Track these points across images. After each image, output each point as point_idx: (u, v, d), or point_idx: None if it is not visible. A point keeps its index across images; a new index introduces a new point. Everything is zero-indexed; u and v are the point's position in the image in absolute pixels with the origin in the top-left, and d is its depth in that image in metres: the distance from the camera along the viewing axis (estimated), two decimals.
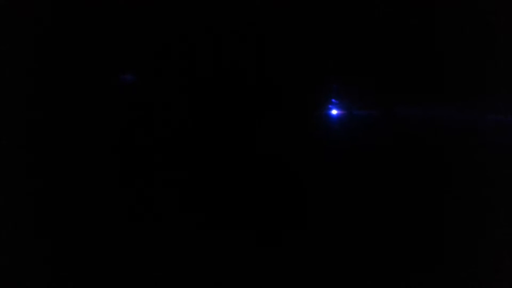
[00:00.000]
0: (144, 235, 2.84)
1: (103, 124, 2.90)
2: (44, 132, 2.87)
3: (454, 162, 2.91)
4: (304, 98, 2.97)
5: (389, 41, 2.91)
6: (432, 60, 2.91)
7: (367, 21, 2.89)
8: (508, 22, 2.81)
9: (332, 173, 2.93)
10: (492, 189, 2.85)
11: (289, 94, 2.95)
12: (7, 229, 2.79)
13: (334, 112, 2.95)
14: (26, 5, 2.80)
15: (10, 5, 2.78)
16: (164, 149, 2.92)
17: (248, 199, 2.90)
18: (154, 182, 2.90)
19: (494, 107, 2.91)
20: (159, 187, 2.90)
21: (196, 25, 2.89)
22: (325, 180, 2.92)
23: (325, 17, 2.89)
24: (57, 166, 2.87)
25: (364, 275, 2.81)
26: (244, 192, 2.90)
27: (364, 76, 2.96)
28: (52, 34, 2.86)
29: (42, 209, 2.83)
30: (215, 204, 2.90)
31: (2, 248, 2.78)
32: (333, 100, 2.95)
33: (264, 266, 2.82)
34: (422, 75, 2.91)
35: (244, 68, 2.92)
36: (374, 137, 2.98)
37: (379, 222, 2.87)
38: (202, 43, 2.91)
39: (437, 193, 2.90)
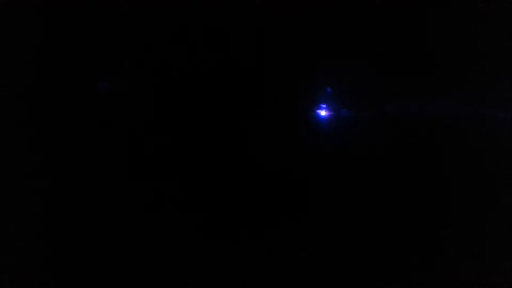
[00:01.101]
0: (139, 238, 2.85)
1: (98, 126, 2.93)
2: (41, 134, 2.90)
3: (446, 161, 2.90)
4: (292, 100, 2.96)
5: (376, 41, 2.89)
6: (422, 59, 2.90)
7: (354, 20, 2.88)
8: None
9: (323, 174, 2.93)
10: (491, 188, 2.86)
11: (278, 96, 2.94)
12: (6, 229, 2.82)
13: (323, 113, 2.94)
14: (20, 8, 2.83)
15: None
16: (153, 151, 2.94)
17: (235, 201, 2.90)
18: (144, 184, 2.91)
19: (482, 103, 2.90)
20: (150, 189, 2.91)
21: (182, 25, 2.90)
22: (316, 182, 2.92)
23: (313, 17, 2.88)
24: (54, 167, 2.89)
25: (360, 276, 2.82)
26: (231, 194, 2.90)
27: (352, 76, 2.95)
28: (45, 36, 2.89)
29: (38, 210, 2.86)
30: (203, 205, 2.91)
31: (2, 248, 2.80)
32: (321, 104, 2.94)
33: (259, 266, 2.83)
34: (412, 73, 2.91)
35: (230, 69, 2.92)
36: (364, 138, 2.96)
37: (372, 223, 2.87)
38: (185, 42, 2.92)
39: (429, 192, 2.89)
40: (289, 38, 2.89)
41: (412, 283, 2.79)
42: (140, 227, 2.85)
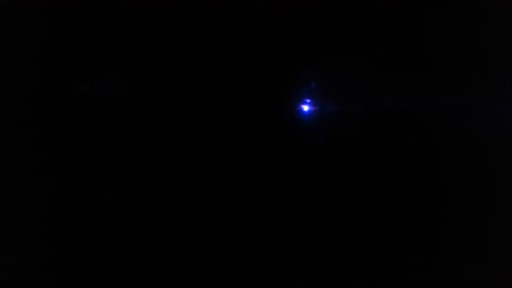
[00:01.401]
0: (139, 238, 2.85)
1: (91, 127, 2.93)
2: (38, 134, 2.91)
3: (446, 161, 2.90)
4: (277, 96, 2.97)
5: (375, 40, 2.90)
6: (421, 58, 2.90)
7: (352, 19, 2.88)
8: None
9: (320, 173, 2.93)
10: (491, 188, 2.86)
11: (263, 93, 2.95)
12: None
13: (306, 108, 2.94)
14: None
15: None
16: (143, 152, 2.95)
17: (233, 200, 2.91)
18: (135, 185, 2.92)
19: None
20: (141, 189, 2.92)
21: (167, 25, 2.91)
22: (313, 181, 2.92)
23: (310, 16, 2.88)
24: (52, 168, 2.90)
25: (360, 276, 2.82)
26: (229, 193, 2.91)
27: (336, 72, 2.96)
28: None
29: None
30: (202, 205, 2.91)
31: (2, 248, 2.81)
32: (305, 99, 2.94)
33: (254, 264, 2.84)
34: (411, 73, 2.91)
35: (230, 69, 2.92)
36: (356, 134, 2.95)
37: (371, 223, 2.87)
38: (185, 42, 2.92)
39: (428, 192, 2.89)
40: (286, 37, 2.89)
41: (412, 283, 2.80)
42: (140, 227, 2.85)
